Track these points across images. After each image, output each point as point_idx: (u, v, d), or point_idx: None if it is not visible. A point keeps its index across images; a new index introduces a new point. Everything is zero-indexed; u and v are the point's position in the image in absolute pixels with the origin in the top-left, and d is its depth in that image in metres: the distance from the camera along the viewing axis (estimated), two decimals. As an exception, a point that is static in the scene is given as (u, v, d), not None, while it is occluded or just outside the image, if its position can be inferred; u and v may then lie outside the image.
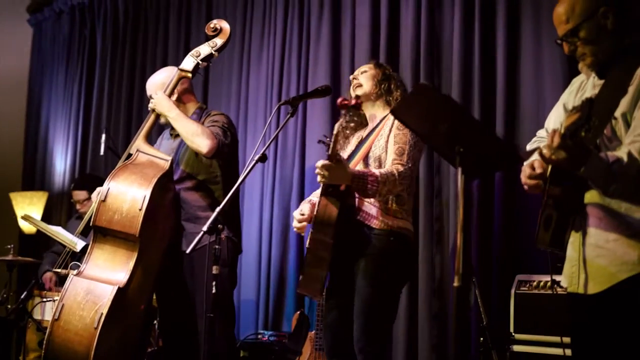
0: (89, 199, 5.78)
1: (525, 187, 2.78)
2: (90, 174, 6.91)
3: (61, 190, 7.98)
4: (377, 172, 3.20)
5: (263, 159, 3.31)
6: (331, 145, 3.08)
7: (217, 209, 3.26)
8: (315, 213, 3.27)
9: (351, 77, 3.66)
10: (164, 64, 6.89)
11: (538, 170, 2.70)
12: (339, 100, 3.21)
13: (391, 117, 3.38)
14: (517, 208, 4.27)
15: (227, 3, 6.56)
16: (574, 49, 2.74)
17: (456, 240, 4.36)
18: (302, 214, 3.47)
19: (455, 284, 2.61)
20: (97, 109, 7.66)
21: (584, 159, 2.38)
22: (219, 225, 3.26)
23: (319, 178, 3.20)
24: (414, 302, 4.62)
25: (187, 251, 3.19)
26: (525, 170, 2.75)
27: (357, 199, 3.37)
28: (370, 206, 3.36)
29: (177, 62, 6.67)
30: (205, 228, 3.20)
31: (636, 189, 2.48)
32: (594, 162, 2.40)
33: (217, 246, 3.28)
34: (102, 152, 5.33)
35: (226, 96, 6.37)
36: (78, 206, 5.87)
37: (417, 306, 4.62)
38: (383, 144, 3.37)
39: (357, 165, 3.42)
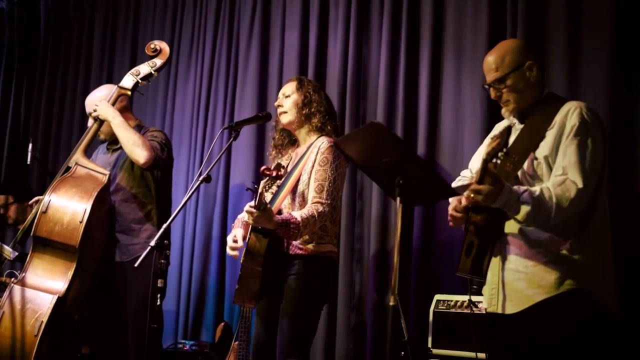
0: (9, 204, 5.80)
1: (450, 219, 3.07)
2: (12, 180, 6.87)
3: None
4: (299, 217, 3.53)
5: (208, 179, 3.56)
6: (256, 199, 3.38)
7: (164, 226, 3.47)
8: (246, 246, 3.60)
9: (276, 104, 3.94)
10: (87, 77, 6.92)
11: (464, 203, 3.01)
12: (262, 168, 3.50)
13: (315, 149, 3.71)
14: (435, 235, 4.55)
15: (156, 21, 6.59)
16: (500, 95, 3.06)
17: (376, 259, 4.69)
18: (235, 240, 3.72)
19: (391, 303, 2.90)
20: (13, 118, 7.54)
21: (498, 194, 2.75)
22: (165, 242, 3.47)
23: (247, 217, 3.51)
24: (333, 316, 4.86)
25: (136, 265, 3.35)
26: (453, 203, 3.06)
27: None
28: None
29: (100, 75, 6.77)
30: (152, 243, 3.39)
31: (547, 220, 2.80)
32: (506, 194, 2.76)
33: (162, 260, 3.49)
34: (28, 162, 5.36)
35: (151, 113, 6.40)
36: None
37: (335, 320, 4.86)
38: (306, 179, 3.69)
39: (284, 199, 3.74)
